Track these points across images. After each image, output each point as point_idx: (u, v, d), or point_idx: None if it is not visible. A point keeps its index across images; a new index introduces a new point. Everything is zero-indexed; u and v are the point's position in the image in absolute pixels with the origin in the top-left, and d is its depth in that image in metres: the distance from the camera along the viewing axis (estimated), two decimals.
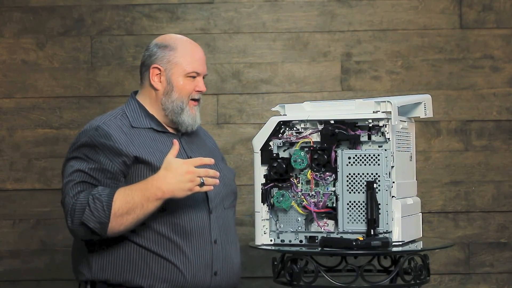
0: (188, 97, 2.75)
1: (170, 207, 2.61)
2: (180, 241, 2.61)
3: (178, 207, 2.61)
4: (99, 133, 2.63)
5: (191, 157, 2.68)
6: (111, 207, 2.51)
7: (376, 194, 2.67)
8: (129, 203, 2.52)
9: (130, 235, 2.60)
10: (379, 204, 2.67)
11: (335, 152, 2.71)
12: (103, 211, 2.51)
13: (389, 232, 2.68)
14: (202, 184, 2.54)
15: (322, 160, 2.72)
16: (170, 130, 2.77)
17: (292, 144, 2.78)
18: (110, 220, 2.51)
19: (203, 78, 2.80)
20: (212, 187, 2.58)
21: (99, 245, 2.63)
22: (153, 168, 2.59)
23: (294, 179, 2.77)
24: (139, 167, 2.61)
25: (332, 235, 2.72)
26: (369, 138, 2.71)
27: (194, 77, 2.75)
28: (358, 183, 2.69)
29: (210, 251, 2.65)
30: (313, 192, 2.74)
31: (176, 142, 2.59)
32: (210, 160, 2.60)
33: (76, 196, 2.55)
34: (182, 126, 2.75)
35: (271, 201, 2.79)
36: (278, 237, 2.80)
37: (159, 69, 2.74)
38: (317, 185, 2.75)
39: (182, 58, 2.75)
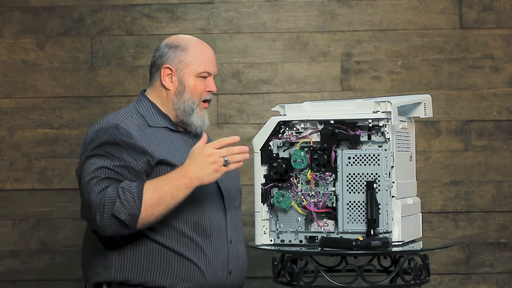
0: (199, 97, 2.74)
1: (190, 206, 2.60)
2: (201, 241, 2.60)
3: (197, 207, 2.61)
4: (121, 132, 2.59)
5: None
6: (142, 197, 2.48)
7: (376, 194, 2.67)
8: (159, 193, 2.49)
9: (151, 233, 2.57)
10: (379, 204, 2.67)
11: (335, 152, 2.71)
12: (134, 202, 2.47)
13: (389, 232, 2.68)
14: (227, 163, 2.53)
15: (322, 160, 2.72)
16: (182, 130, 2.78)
17: (292, 144, 2.78)
18: (141, 211, 2.48)
19: (214, 78, 2.80)
20: (241, 163, 2.56)
21: (119, 244, 2.59)
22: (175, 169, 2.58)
23: (294, 179, 2.77)
24: (163, 168, 2.58)
25: (332, 235, 2.72)
26: (369, 138, 2.71)
27: (205, 77, 2.76)
28: (358, 183, 2.69)
29: (226, 251, 2.65)
30: (313, 192, 2.74)
31: (205, 134, 2.60)
32: (233, 139, 2.59)
33: (103, 192, 2.49)
34: (191, 127, 2.75)
35: (271, 201, 2.79)
36: (278, 237, 2.80)
37: (171, 69, 2.73)
38: (317, 185, 2.74)
39: (193, 58, 2.74)
